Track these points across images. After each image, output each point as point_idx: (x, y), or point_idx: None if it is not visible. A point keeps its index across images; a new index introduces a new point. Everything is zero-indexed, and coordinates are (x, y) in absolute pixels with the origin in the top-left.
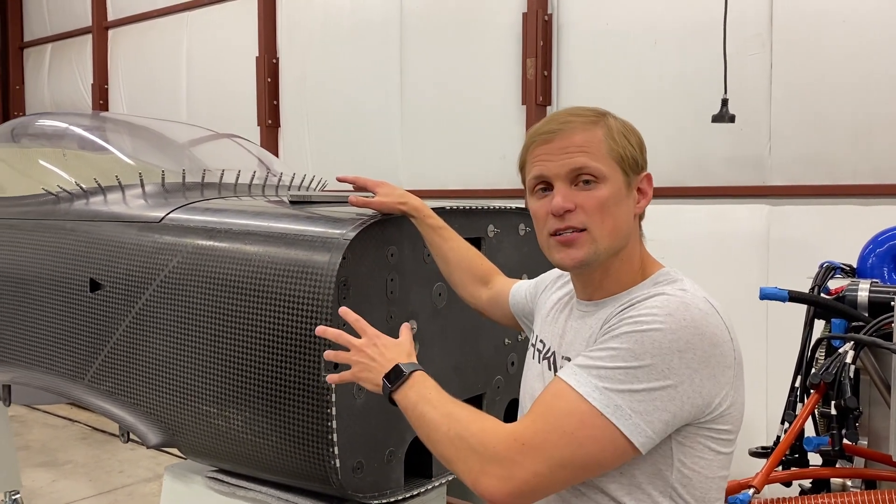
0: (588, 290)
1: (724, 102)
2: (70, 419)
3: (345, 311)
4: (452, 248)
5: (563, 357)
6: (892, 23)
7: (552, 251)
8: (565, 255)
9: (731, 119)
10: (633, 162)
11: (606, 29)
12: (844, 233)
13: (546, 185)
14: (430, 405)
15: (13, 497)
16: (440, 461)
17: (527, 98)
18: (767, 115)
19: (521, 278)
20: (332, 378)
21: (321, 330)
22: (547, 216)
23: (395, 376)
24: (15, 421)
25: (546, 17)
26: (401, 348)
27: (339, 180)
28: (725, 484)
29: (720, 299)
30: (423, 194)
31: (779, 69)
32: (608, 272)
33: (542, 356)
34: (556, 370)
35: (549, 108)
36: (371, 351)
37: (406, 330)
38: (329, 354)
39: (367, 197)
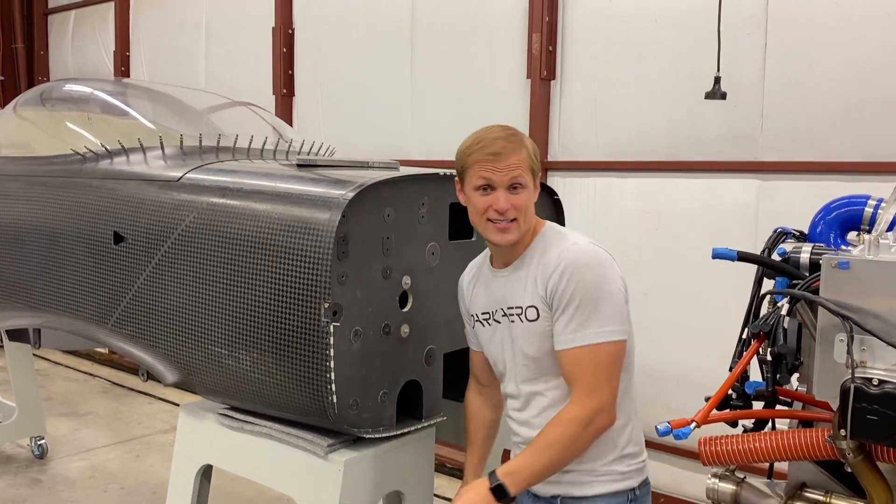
0: (506, 258)
1: (717, 80)
2: (91, 374)
3: None
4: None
5: (507, 307)
6: (882, 9)
7: (489, 232)
8: (501, 237)
9: (723, 96)
10: (539, 171)
11: (610, 6)
12: None
13: (487, 187)
14: (532, 470)
15: (38, 442)
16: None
17: (532, 72)
18: (761, 94)
19: None
20: None
21: None
22: (488, 209)
23: (504, 496)
24: (38, 374)
25: None
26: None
27: None
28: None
29: (710, 268)
30: (432, 164)
31: (773, 50)
32: (519, 243)
33: (492, 318)
34: (508, 318)
35: (553, 82)
36: None
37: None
38: None
39: None
